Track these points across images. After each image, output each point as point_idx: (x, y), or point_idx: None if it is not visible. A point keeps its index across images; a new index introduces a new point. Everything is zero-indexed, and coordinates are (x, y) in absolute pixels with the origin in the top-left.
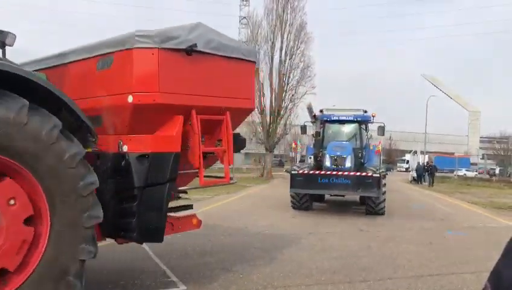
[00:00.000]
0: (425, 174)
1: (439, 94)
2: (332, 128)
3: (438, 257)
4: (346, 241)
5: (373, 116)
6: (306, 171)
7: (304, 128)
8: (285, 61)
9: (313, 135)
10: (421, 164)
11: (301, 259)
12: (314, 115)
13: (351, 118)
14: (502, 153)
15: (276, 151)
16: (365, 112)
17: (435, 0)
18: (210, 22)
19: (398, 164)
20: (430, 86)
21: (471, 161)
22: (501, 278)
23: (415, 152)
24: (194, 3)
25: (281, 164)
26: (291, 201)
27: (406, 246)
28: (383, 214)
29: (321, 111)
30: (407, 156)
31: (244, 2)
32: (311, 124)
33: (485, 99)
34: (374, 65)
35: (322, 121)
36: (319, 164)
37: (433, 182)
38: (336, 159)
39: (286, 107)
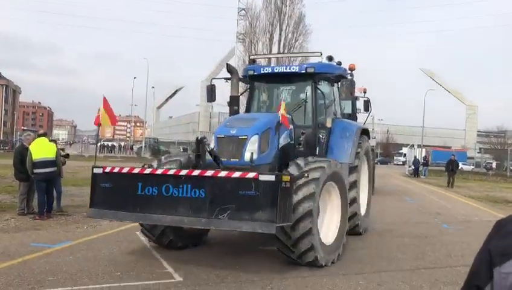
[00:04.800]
0: (422, 167)
1: (437, 88)
2: (263, 90)
3: (434, 250)
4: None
5: (351, 70)
6: (117, 170)
7: (210, 91)
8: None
9: (228, 103)
10: (417, 157)
11: None
12: (229, 68)
13: (296, 70)
14: (499, 148)
15: None
16: (330, 59)
17: None
18: (208, 14)
19: (395, 157)
20: (428, 80)
21: (468, 155)
22: (490, 249)
23: (412, 146)
24: None
25: None
26: None
27: (401, 240)
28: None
29: (252, 61)
30: (404, 150)
31: None
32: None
33: (483, 94)
34: (372, 58)
35: (248, 78)
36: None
37: (453, 182)
38: (225, 144)
39: None
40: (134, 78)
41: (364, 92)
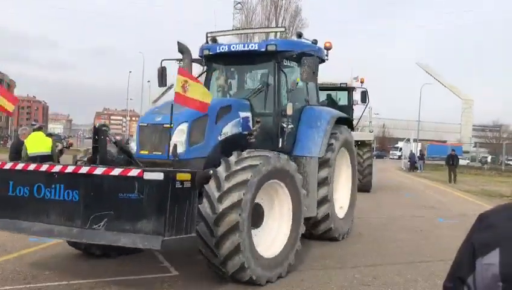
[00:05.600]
0: (418, 161)
1: (433, 82)
2: (221, 72)
3: (429, 244)
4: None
5: (326, 49)
6: None
7: (161, 75)
8: None
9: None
10: (413, 151)
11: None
12: (180, 48)
13: (255, 48)
14: (494, 142)
15: None
16: (299, 36)
17: None
18: (204, 7)
19: (391, 152)
20: (424, 74)
21: (464, 149)
22: (473, 241)
23: (408, 140)
24: None
25: None
26: None
27: (397, 233)
28: None
29: (213, 40)
30: (400, 144)
31: None
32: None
33: (479, 88)
34: (368, 53)
35: (203, 58)
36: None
37: (455, 177)
38: (148, 134)
39: None
40: (130, 72)
41: (362, 82)
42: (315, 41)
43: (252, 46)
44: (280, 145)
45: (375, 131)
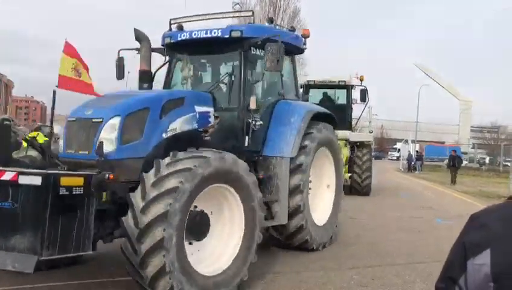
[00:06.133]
0: (416, 162)
1: (431, 83)
2: (185, 62)
3: (427, 245)
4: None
5: (304, 37)
6: None
7: (118, 66)
8: None
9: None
10: (411, 152)
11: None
12: (137, 35)
13: (219, 35)
14: (492, 143)
15: None
16: (271, 21)
17: None
18: (202, 7)
19: (389, 153)
20: (422, 75)
21: (462, 150)
22: (465, 242)
23: (406, 141)
24: None
25: None
26: None
27: (395, 234)
28: None
29: (180, 28)
30: (398, 145)
31: None
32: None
33: (478, 90)
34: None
35: (165, 47)
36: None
37: (455, 178)
38: (75, 130)
39: None
40: (128, 72)
41: (361, 80)
42: (292, 29)
43: (215, 33)
44: (246, 144)
45: (374, 132)
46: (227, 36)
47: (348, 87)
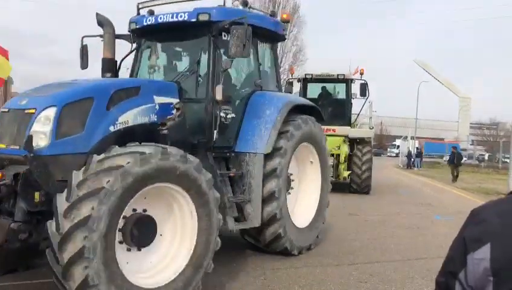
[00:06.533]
0: (415, 159)
1: (431, 80)
2: (152, 49)
3: (425, 241)
4: (335, 225)
5: (284, 22)
6: None
7: (82, 55)
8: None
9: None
10: (410, 149)
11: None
12: (99, 20)
13: (185, 19)
14: (491, 140)
15: None
16: (245, 4)
17: None
18: (202, 1)
19: (388, 149)
20: (421, 71)
21: (461, 147)
22: (465, 237)
23: (405, 137)
24: None
25: None
26: None
27: (393, 231)
28: None
29: (151, 13)
30: (398, 141)
31: None
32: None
33: (477, 86)
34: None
35: (132, 33)
36: None
37: (457, 175)
38: (7, 123)
39: None
40: (127, 69)
41: (362, 74)
42: (273, 13)
43: (181, 16)
44: (214, 139)
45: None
46: (194, 20)
47: (347, 81)
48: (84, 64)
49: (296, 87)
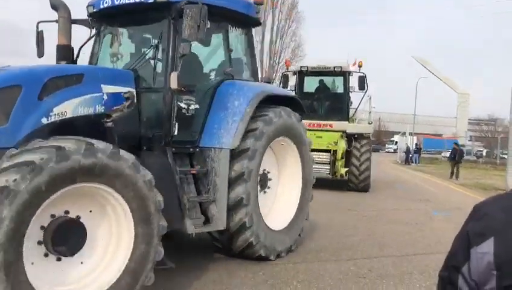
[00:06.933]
0: (414, 155)
1: (429, 76)
2: (110, 35)
3: (424, 237)
4: (333, 221)
5: (257, 4)
6: None
7: (38, 42)
8: (276, 41)
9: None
10: (408, 145)
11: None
12: (53, 3)
13: (142, 0)
14: (489, 136)
15: None
16: None
17: None
18: None
19: (386, 145)
20: (419, 67)
21: (460, 143)
22: (468, 231)
23: (404, 133)
24: None
25: None
26: None
27: (392, 226)
28: None
29: None
30: (396, 137)
31: None
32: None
33: (475, 82)
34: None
35: (90, 18)
36: None
37: (458, 172)
38: None
39: None
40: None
41: (360, 66)
42: None
43: None
44: (173, 132)
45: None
46: (151, 1)
47: (344, 74)
48: (40, 52)
49: (292, 81)
